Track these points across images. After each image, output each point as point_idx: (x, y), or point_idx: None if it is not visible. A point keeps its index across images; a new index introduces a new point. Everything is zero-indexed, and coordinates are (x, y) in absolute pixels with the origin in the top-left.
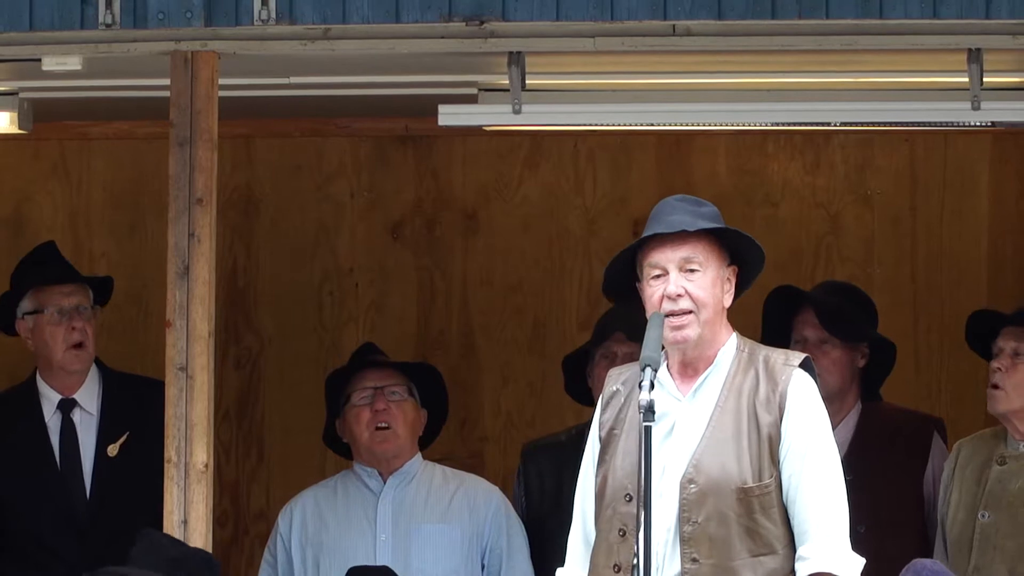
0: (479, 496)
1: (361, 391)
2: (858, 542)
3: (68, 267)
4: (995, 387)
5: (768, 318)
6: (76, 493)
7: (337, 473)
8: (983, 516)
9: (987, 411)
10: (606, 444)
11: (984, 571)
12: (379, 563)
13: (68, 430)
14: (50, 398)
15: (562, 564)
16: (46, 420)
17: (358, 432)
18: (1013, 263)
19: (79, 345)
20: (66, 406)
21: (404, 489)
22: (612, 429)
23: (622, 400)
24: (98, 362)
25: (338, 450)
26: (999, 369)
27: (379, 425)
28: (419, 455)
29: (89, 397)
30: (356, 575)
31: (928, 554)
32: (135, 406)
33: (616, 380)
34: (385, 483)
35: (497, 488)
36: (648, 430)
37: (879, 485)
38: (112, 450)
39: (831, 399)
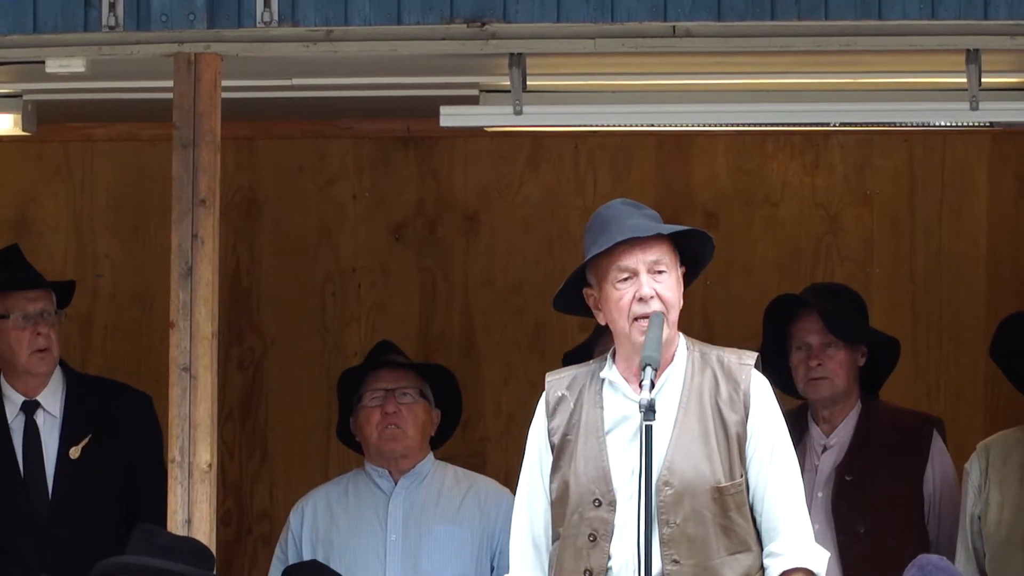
0: (490, 498)
1: (373, 392)
2: (857, 542)
3: (33, 272)
4: None
5: (768, 327)
6: (38, 495)
7: (341, 473)
8: None
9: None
10: (560, 450)
11: None
12: (389, 564)
13: (31, 432)
14: (13, 400)
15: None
16: (9, 421)
17: (368, 432)
18: (1011, 263)
19: (44, 350)
20: (29, 408)
21: (416, 490)
22: (566, 435)
23: (571, 405)
24: (63, 364)
25: (352, 447)
26: None
27: (388, 426)
28: (431, 455)
29: (52, 399)
30: (291, 574)
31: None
32: (98, 409)
33: (559, 386)
34: (396, 483)
35: (508, 490)
36: (649, 429)
37: (879, 485)
38: (74, 452)
39: (837, 400)
